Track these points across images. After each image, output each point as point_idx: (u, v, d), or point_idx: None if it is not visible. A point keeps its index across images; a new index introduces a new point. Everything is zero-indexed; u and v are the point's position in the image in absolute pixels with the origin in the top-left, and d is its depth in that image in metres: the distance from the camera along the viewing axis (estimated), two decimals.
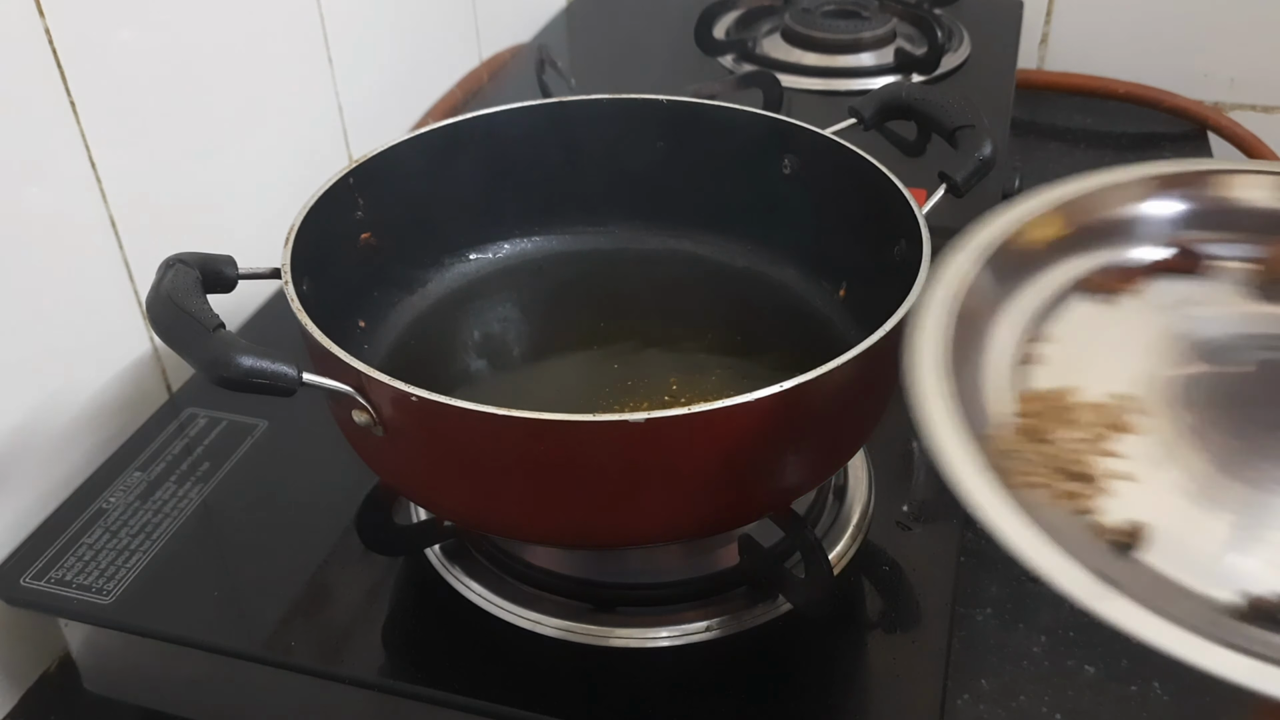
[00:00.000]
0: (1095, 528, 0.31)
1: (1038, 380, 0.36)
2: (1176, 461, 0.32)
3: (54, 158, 0.59)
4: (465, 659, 0.50)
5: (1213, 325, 0.37)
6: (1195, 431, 0.33)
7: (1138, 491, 0.32)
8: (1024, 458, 0.33)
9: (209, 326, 0.43)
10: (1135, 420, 0.34)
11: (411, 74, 0.95)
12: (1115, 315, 0.39)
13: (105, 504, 0.58)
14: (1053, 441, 0.33)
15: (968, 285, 0.38)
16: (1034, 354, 0.37)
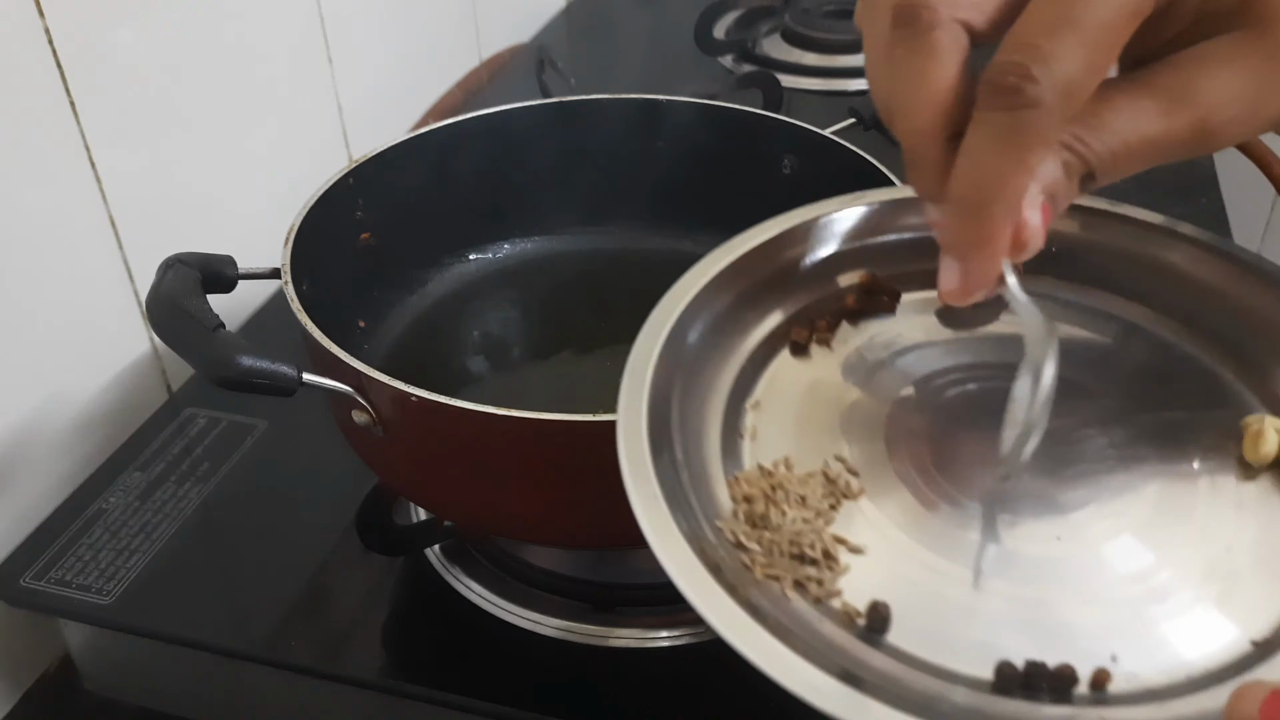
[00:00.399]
0: (840, 615, 0.30)
1: (752, 456, 0.35)
2: (899, 521, 0.32)
3: (54, 158, 0.58)
4: (465, 659, 0.50)
5: (907, 362, 0.36)
6: (909, 480, 0.33)
7: (871, 563, 0.31)
8: (753, 549, 0.31)
9: (209, 327, 0.43)
10: (853, 483, 0.33)
11: (411, 74, 0.95)
12: (811, 369, 0.38)
13: (105, 504, 0.58)
14: (778, 526, 0.32)
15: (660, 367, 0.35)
16: (743, 426, 0.36)
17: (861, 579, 0.31)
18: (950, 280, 0.30)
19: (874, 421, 0.35)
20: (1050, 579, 0.31)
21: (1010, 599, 0.30)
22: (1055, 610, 0.30)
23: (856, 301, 0.39)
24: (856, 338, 0.39)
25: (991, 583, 0.31)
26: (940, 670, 0.29)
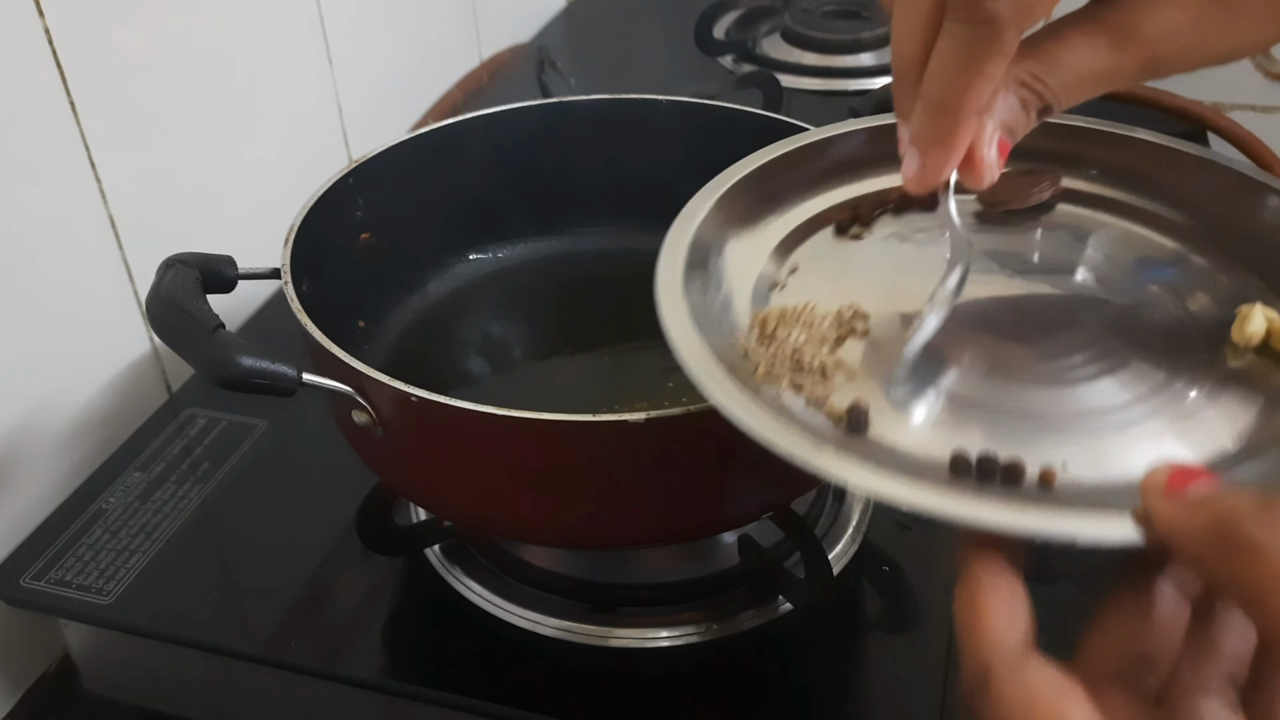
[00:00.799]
0: (829, 412, 0.34)
1: (777, 301, 0.40)
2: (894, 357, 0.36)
3: (54, 158, 0.59)
4: (465, 659, 0.50)
5: (937, 248, 0.40)
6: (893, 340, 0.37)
7: (861, 385, 0.36)
8: (759, 356, 0.37)
9: (209, 327, 0.43)
10: (860, 325, 0.38)
11: (411, 74, 0.95)
12: (848, 246, 0.43)
13: (105, 504, 0.58)
14: (783, 340, 0.37)
15: (711, 218, 0.42)
16: (777, 281, 0.42)
17: (851, 392, 0.35)
18: (910, 169, 0.35)
19: (896, 290, 0.39)
20: (1021, 405, 0.34)
21: (983, 421, 0.34)
22: (1019, 429, 0.33)
23: (900, 198, 0.43)
24: (896, 225, 0.43)
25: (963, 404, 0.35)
26: (907, 455, 0.33)
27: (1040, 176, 0.43)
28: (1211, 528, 0.25)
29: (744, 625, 0.51)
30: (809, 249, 0.43)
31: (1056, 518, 0.29)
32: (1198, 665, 0.29)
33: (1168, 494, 0.27)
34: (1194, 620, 0.29)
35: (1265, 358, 0.36)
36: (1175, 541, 0.26)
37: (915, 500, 0.30)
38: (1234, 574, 0.24)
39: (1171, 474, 0.27)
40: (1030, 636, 0.29)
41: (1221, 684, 0.28)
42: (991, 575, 0.29)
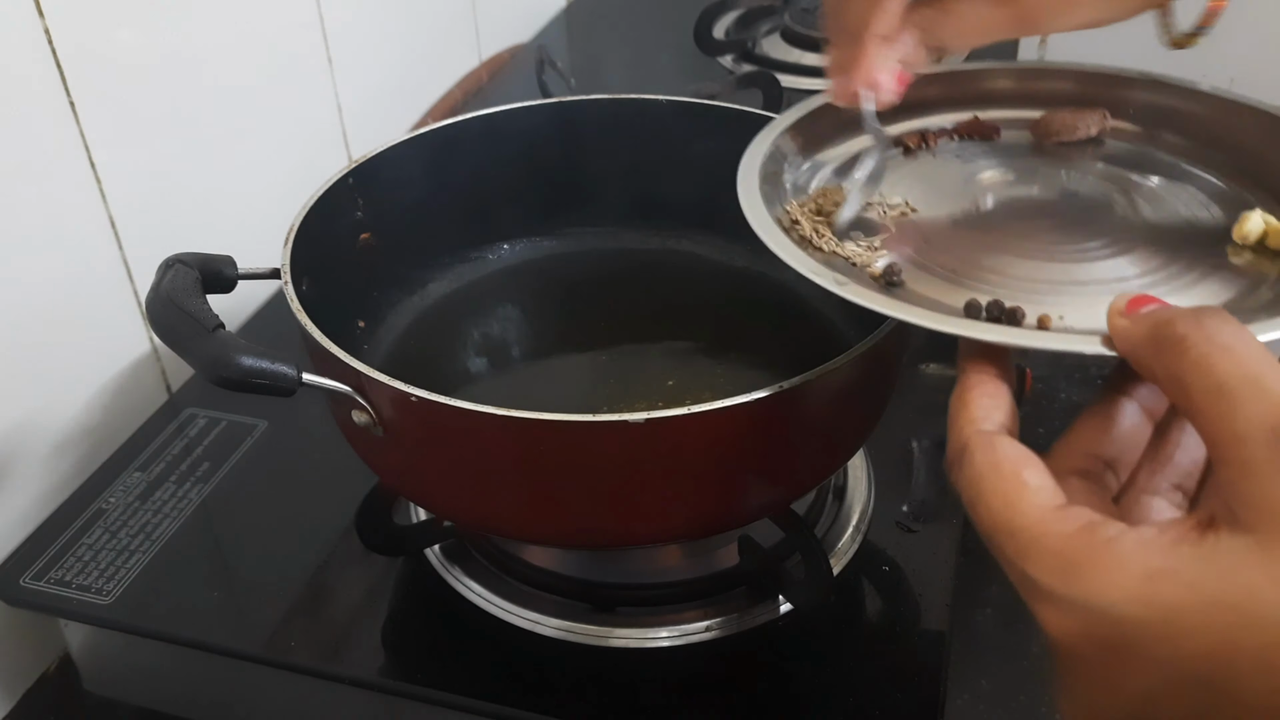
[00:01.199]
0: (870, 274, 0.41)
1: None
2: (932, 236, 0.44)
3: (54, 158, 0.59)
4: (465, 659, 0.50)
5: (980, 168, 0.48)
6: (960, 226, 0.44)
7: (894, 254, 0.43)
8: (806, 224, 0.44)
9: (208, 327, 0.43)
10: (909, 212, 0.45)
11: (411, 74, 0.95)
12: (912, 162, 0.50)
13: (105, 504, 0.58)
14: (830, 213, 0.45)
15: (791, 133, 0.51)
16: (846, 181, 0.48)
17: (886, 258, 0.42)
18: (831, 87, 0.45)
19: (948, 192, 0.47)
20: (1033, 274, 0.40)
21: (999, 284, 0.40)
22: (1029, 289, 0.39)
23: (967, 126, 0.51)
24: (957, 149, 0.50)
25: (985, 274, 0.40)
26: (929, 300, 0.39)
27: (1089, 113, 0.49)
28: (1150, 331, 0.30)
29: (744, 625, 0.51)
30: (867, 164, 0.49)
31: (1038, 337, 0.35)
32: (1152, 472, 0.34)
33: (1125, 313, 0.32)
34: (1154, 436, 0.34)
35: (1261, 255, 0.40)
36: (1125, 348, 0.31)
37: (918, 320, 0.36)
38: (1167, 367, 0.29)
39: (1130, 299, 0.32)
40: (1007, 428, 0.33)
41: (1170, 489, 0.33)
42: (981, 378, 0.34)
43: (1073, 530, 0.29)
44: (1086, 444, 0.35)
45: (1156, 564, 0.27)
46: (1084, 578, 0.28)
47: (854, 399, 0.47)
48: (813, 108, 0.52)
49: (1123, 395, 0.35)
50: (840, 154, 0.51)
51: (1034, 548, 0.29)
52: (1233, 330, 0.28)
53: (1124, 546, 0.28)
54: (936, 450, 0.61)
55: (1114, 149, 0.49)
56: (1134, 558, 0.28)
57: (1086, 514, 0.29)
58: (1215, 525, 0.27)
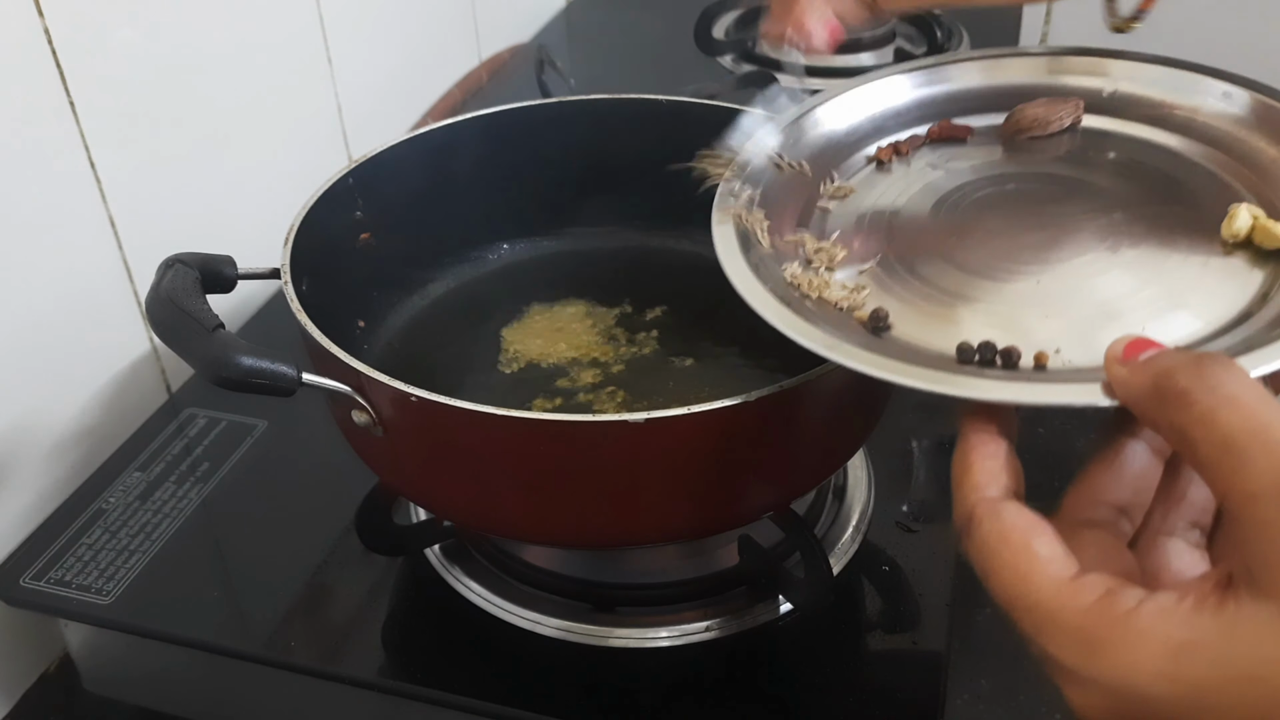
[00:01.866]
0: (859, 319, 0.40)
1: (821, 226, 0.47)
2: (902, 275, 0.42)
3: (53, 158, 0.58)
4: (465, 659, 0.50)
5: (956, 173, 0.47)
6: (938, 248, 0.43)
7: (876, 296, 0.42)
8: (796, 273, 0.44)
9: (208, 326, 0.43)
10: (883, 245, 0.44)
11: (411, 74, 0.95)
12: (884, 176, 0.49)
13: (105, 504, 0.58)
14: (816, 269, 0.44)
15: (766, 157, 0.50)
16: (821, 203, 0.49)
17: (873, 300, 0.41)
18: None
19: (925, 203, 0.46)
20: (1023, 297, 0.39)
21: (989, 314, 0.39)
22: (1020, 318, 0.38)
23: (939, 131, 0.50)
24: (930, 157, 0.49)
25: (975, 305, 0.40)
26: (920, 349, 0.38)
27: (1061, 104, 0.48)
28: (1152, 383, 0.29)
29: (744, 625, 0.51)
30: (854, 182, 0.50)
31: (1037, 391, 0.34)
32: (1166, 512, 0.33)
33: (1123, 360, 0.31)
34: (1165, 475, 0.34)
35: (1248, 251, 0.40)
36: (1127, 398, 0.31)
37: (912, 382, 0.35)
38: (1170, 420, 0.28)
39: (1127, 344, 0.31)
40: (1012, 491, 0.32)
41: (1186, 529, 0.32)
42: (982, 438, 0.33)
43: (1090, 604, 0.28)
44: (1096, 492, 0.34)
45: (1180, 637, 0.26)
46: (1106, 656, 0.27)
47: (854, 398, 0.47)
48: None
49: (1128, 436, 0.34)
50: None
51: (1051, 625, 0.29)
52: (1236, 380, 0.27)
53: (1144, 619, 0.27)
54: (936, 450, 0.61)
55: (1089, 141, 0.48)
56: (1156, 631, 0.27)
57: (1102, 582, 0.28)
58: (1234, 588, 0.27)
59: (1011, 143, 0.49)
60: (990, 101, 0.51)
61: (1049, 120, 0.48)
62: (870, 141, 0.51)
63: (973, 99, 0.51)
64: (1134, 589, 0.28)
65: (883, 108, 0.52)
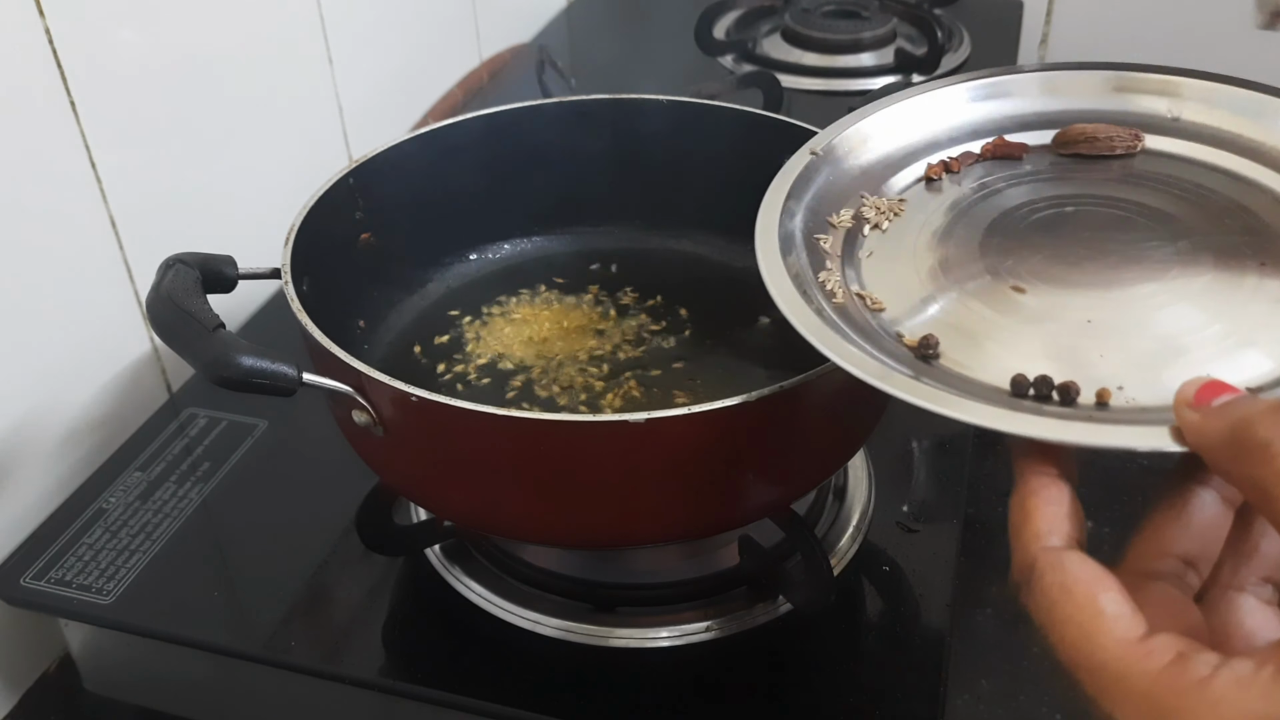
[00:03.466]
0: (907, 344, 0.39)
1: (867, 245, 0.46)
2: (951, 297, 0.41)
3: (54, 158, 0.59)
4: (465, 659, 0.50)
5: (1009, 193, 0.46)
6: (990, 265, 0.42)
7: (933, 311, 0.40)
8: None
9: (209, 326, 0.43)
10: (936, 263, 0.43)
11: (412, 74, 0.95)
12: (934, 195, 0.47)
13: (105, 504, 0.58)
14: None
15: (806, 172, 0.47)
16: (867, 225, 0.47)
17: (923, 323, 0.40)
18: None
19: (974, 223, 0.44)
20: (1079, 331, 0.37)
21: (1042, 343, 0.37)
22: (1077, 351, 0.36)
23: (993, 148, 0.48)
24: (980, 174, 0.48)
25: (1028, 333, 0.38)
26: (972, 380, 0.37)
27: (1118, 130, 0.47)
28: (1228, 432, 0.27)
29: (744, 625, 0.51)
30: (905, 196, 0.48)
31: (1099, 432, 0.31)
32: (1236, 566, 0.31)
33: (1195, 404, 0.29)
34: (1236, 526, 0.32)
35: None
36: (1199, 446, 0.29)
37: (969, 417, 0.32)
38: (1248, 473, 0.26)
39: (1200, 387, 0.29)
40: (1074, 539, 0.31)
41: (1258, 584, 0.31)
42: (1043, 481, 0.31)
43: (1160, 668, 0.26)
44: (1163, 543, 0.32)
45: (1259, 710, 0.25)
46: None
47: (854, 399, 0.47)
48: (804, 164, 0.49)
49: (1197, 484, 0.32)
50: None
51: (1118, 689, 0.27)
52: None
53: (1220, 689, 0.26)
54: (936, 450, 0.61)
55: (1153, 163, 0.46)
56: (1233, 703, 0.25)
57: (1173, 645, 0.27)
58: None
59: (1070, 162, 0.47)
60: (1048, 120, 0.49)
61: (1097, 138, 0.46)
62: (920, 157, 0.49)
63: (1030, 117, 0.49)
64: (1207, 654, 0.27)
65: (935, 121, 0.50)
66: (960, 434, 0.62)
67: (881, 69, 1.04)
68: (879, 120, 0.50)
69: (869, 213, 0.46)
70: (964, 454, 0.61)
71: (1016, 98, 0.50)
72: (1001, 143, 0.48)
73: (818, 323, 0.38)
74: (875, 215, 0.46)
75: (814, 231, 0.45)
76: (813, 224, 0.45)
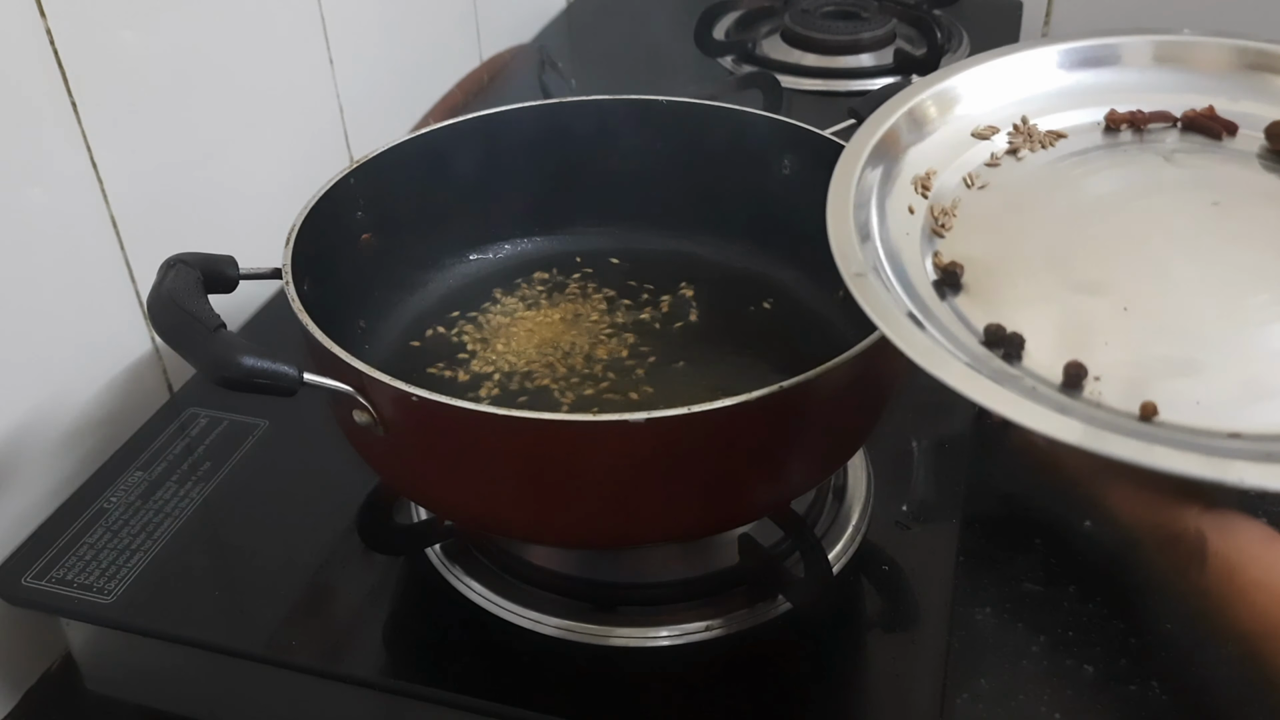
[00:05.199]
0: (935, 257, 0.39)
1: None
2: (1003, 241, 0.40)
3: (55, 158, 0.59)
4: (465, 658, 0.50)
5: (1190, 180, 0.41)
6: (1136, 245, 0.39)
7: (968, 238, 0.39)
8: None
9: (210, 327, 0.43)
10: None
11: (412, 74, 0.95)
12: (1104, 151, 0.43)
13: (106, 504, 0.58)
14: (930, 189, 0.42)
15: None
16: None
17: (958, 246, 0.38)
18: None
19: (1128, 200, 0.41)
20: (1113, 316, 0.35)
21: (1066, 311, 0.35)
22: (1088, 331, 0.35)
23: (1190, 121, 0.43)
24: (1175, 141, 0.43)
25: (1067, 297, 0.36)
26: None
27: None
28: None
29: (744, 624, 0.51)
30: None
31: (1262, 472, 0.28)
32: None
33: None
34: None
35: None
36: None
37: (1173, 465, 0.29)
38: None
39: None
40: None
41: None
42: None
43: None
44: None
45: None
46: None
47: (854, 399, 0.48)
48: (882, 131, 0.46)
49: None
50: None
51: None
52: None
53: None
54: (935, 449, 0.61)
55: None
56: None
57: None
58: None
59: (1273, 156, 0.42)
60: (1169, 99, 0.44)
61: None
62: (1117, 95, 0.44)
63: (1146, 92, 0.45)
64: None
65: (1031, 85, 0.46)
66: (959, 433, 0.62)
67: (881, 70, 1.04)
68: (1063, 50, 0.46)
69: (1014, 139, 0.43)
70: (963, 453, 0.61)
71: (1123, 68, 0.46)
72: (1210, 114, 0.43)
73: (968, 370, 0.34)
74: (1022, 142, 0.43)
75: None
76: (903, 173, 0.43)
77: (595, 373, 0.59)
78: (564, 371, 0.59)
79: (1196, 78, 0.44)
